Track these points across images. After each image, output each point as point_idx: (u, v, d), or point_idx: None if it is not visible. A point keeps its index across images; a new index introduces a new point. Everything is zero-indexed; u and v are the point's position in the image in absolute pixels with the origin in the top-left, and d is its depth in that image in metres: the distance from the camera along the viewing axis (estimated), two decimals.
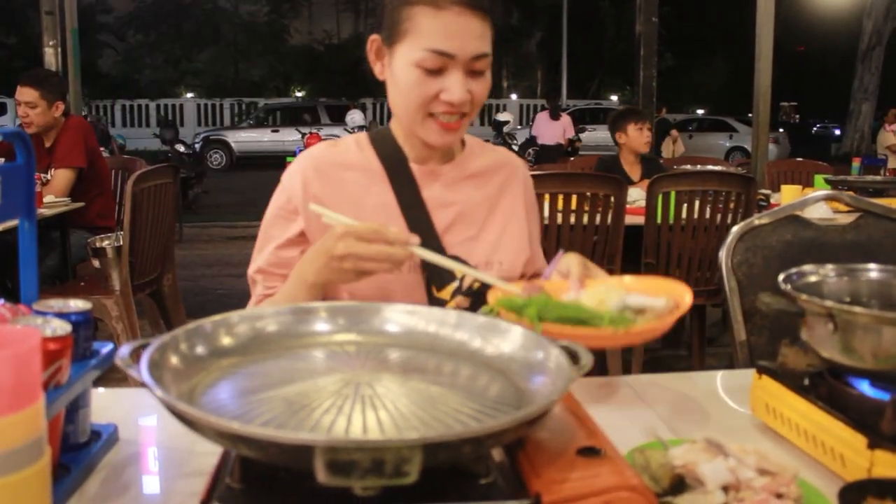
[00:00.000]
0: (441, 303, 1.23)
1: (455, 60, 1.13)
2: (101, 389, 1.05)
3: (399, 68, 1.17)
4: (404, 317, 0.87)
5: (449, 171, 1.28)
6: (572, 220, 2.97)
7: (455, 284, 1.23)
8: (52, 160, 3.57)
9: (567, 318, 0.95)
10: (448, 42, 1.12)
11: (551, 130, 10.89)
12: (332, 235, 1.04)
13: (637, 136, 3.99)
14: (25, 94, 3.50)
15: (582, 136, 12.40)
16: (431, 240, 1.22)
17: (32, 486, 0.60)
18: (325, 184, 1.24)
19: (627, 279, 1.10)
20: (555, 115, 10.94)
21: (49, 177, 3.52)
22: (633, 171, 4.02)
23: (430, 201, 1.25)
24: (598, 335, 0.94)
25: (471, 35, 1.13)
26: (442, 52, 1.12)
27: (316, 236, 1.22)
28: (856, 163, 5.72)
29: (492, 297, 1.03)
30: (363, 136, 1.33)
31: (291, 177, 1.26)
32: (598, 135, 16.19)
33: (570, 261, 1.11)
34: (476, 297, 1.24)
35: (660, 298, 1.00)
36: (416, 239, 1.02)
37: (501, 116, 13.44)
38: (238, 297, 4.67)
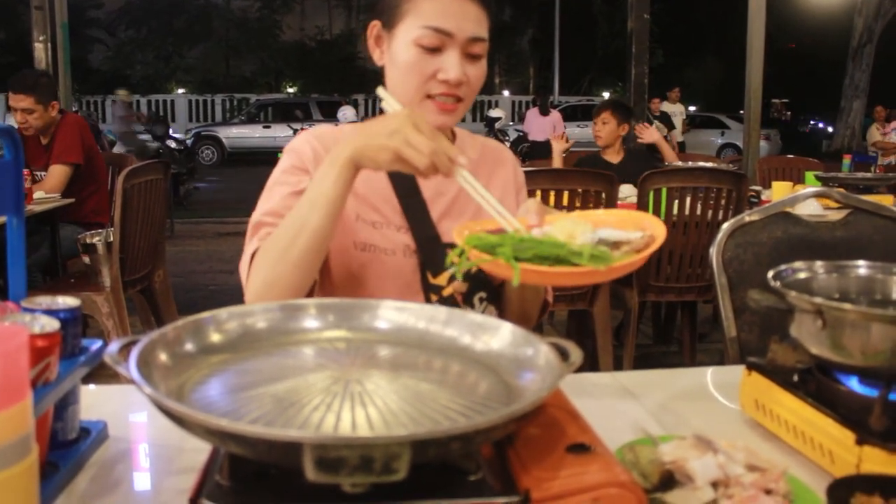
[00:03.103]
0: (437, 289, 1.24)
1: (453, 40, 1.16)
2: (90, 386, 1.05)
3: (398, 49, 1.19)
4: (394, 313, 0.86)
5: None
6: None
7: (451, 270, 1.24)
8: (49, 158, 3.55)
9: (544, 256, 0.91)
10: (446, 20, 1.15)
11: (541, 126, 10.91)
12: (388, 117, 1.00)
13: (593, 130, 4.07)
14: (20, 101, 3.46)
15: (570, 132, 12.38)
16: (428, 228, 1.24)
17: (20, 484, 0.60)
18: None
19: (591, 213, 1.05)
20: (544, 111, 10.95)
21: (45, 174, 3.51)
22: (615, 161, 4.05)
23: (426, 190, 1.27)
24: (578, 273, 0.90)
25: (468, 17, 1.17)
26: (440, 30, 1.15)
27: None
28: (846, 160, 5.74)
29: (458, 237, 0.98)
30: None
31: (300, 143, 1.25)
32: (589, 131, 16.22)
33: (528, 204, 1.07)
34: (473, 282, 1.25)
35: (635, 232, 0.96)
36: (464, 160, 0.99)
37: (493, 113, 13.45)
38: (229, 293, 4.67)
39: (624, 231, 0.96)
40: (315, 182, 1.05)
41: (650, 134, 4.46)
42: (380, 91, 1.12)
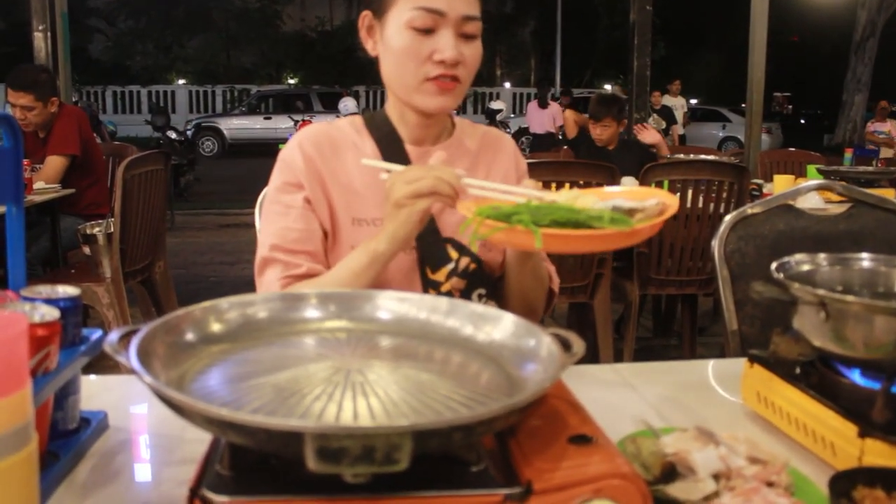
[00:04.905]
0: (436, 284, 1.23)
1: (445, 19, 1.15)
2: (91, 376, 1.04)
3: (391, 34, 1.18)
4: (395, 304, 0.86)
5: (443, 150, 1.29)
6: None
7: (450, 266, 1.23)
8: (46, 150, 3.54)
9: (562, 221, 0.89)
10: (437, 0, 1.14)
11: (540, 119, 10.91)
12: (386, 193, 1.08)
13: (591, 129, 4.05)
14: (20, 98, 3.43)
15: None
16: (427, 222, 1.23)
17: (19, 473, 0.60)
18: (324, 162, 1.24)
19: (595, 189, 1.05)
20: (543, 104, 10.94)
21: (41, 166, 3.50)
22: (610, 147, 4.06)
23: None
24: (601, 236, 0.88)
25: None
26: (432, 10, 1.15)
27: (320, 212, 1.22)
28: (848, 153, 5.74)
29: (466, 211, 0.97)
30: (358, 118, 1.33)
31: (291, 152, 1.26)
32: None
33: (525, 184, 1.10)
34: (471, 279, 1.24)
35: (648, 200, 0.95)
36: (461, 171, 1.04)
37: (494, 105, 13.43)
38: (230, 285, 4.69)
39: (637, 200, 0.95)
40: (355, 263, 1.12)
41: (650, 135, 4.46)
42: (383, 175, 1.14)
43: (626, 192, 1.01)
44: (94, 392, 1.00)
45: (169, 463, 0.85)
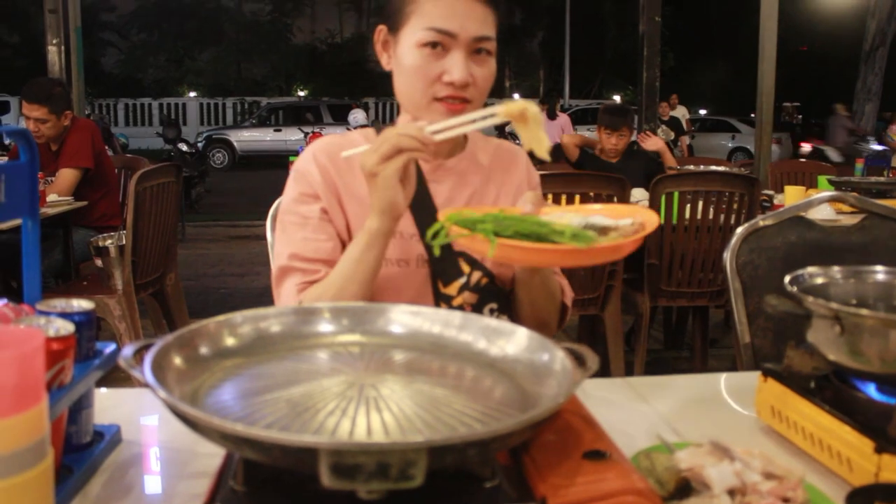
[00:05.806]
0: (448, 298, 1.23)
1: (457, 40, 1.15)
2: (103, 390, 1.05)
3: (403, 52, 1.19)
4: (408, 318, 0.86)
5: (455, 164, 1.29)
6: None
7: (462, 280, 1.23)
8: (58, 163, 3.56)
9: (525, 233, 0.90)
10: (449, 21, 1.14)
11: (549, 131, 10.91)
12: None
13: (605, 140, 4.00)
14: (34, 111, 3.45)
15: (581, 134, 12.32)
16: (422, 195, 1.23)
17: (35, 488, 0.60)
18: (338, 174, 1.24)
19: (589, 207, 1.06)
20: (552, 116, 10.96)
21: (54, 179, 3.52)
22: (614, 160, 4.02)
23: (437, 197, 1.26)
24: (558, 251, 0.89)
25: (472, 17, 1.16)
26: (443, 31, 1.14)
27: (337, 223, 1.22)
28: (859, 164, 5.71)
29: (442, 214, 1.00)
30: (370, 131, 1.33)
31: (305, 163, 1.26)
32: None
33: (526, 195, 1.09)
34: (483, 293, 1.24)
35: (625, 219, 0.95)
36: (423, 123, 1.05)
37: None
38: (240, 297, 4.70)
39: (616, 219, 0.96)
40: (355, 249, 1.12)
41: (654, 142, 4.44)
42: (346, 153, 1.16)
43: (614, 212, 1.01)
44: (107, 405, 1.00)
45: (182, 477, 0.85)
